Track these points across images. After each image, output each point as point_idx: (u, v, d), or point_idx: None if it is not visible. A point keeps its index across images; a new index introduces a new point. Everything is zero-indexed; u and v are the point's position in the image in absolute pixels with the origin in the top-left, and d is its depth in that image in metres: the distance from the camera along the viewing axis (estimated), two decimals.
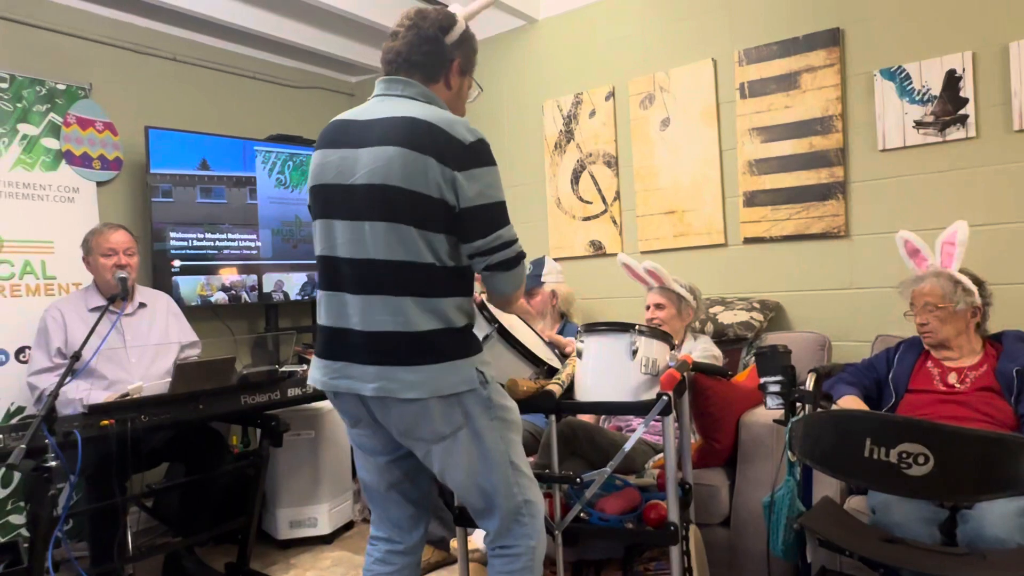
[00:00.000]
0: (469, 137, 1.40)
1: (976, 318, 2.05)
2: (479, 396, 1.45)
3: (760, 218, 2.89)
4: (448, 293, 1.43)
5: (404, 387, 1.38)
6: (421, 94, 1.49)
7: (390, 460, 1.58)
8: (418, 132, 1.38)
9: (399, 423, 1.44)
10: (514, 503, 1.50)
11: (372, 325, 1.41)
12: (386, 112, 1.44)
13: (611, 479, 1.99)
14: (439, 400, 1.40)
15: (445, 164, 1.37)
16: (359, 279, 1.42)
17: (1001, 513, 1.57)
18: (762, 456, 2.08)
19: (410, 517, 1.64)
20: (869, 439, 1.31)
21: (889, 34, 2.58)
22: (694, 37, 3.05)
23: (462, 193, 1.39)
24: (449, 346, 1.42)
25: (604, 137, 3.33)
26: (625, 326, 1.81)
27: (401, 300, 1.39)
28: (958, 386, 2.00)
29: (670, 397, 1.70)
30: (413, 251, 1.39)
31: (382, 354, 1.40)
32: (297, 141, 3.67)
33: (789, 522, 1.63)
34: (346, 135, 1.47)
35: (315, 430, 2.98)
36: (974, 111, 2.42)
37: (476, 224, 1.42)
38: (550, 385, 1.86)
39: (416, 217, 1.38)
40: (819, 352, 2.53)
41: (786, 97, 2.80)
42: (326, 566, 2.76)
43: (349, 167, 1.43)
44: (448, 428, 1.43)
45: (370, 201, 1.40)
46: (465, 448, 1.45)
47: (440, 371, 1.40)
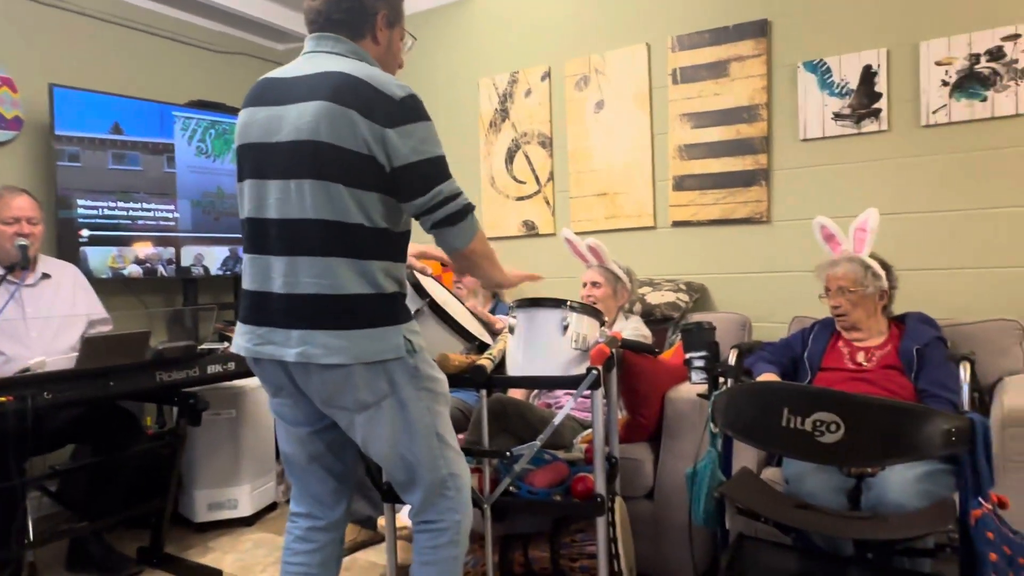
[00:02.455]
0: (399, 92, 1.35)
1: (883, 301, 2.18)
2: (406, 365, 1.41)
3: (688, 202, 2.97)
4: (378, 256, 1.39)
5: (327, 352, 1.34)
6: (351, 51, 1.44)
7: (312, 431, 1.53)
8: (345, 87, 1.34)
9: (321, 390, 1.40)
10: (438, 476, 1.48)
11: (296, 288, 1.36)
12: (313, 68, 1.39)
13: (540, 453, 2.01)
14: (363, 367, 1.36)
15: (374, 120, 1.32)
16: (285, 240, 1.37)
17: (901, 480, 1.68)
18: (685, 430, 2.15)
19: (332, 492, 1.60)
20: (787, 409, 1.37)
21: (812, 28, 2.69)
22: (629, 21, 3.08)
23: (395, 151, 1.34)
24: (377, 312, 1.38)
25: (539, 117, 3.33)
26: (557, 302, 1.83)
27: (328, 261, 1.34)
28: (865, 364, 2.12)
29: (600, 371, 1.74)
30: (341, 210, 1.34)
31: (306, 318, 1.35)
32: (220, 108, 3.50)
33: (710, 491, 1.69)
34: (272, 92, 1.41)
35: (237, 409, 2.88)
36: (887, 105, 2.56)
37: (414, 182, 1.37)
38: (481, 360, 1.86)
39: (345, 175, 1.33)
40: (740, 332, 2.63)
41: (716, 85, 2.88)
42: (247, 548, 2.68)
43: (275, 125, 1.38)
44: (372, 397, 1.39)
45: (296, 159, 1.35)
46: (389, 418, 1.42)
47: (366, 337, 1.36)
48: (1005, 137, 2.39)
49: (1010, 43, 2.36)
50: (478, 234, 1.48)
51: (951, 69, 2.45)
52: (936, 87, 2.47)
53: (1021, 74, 2.35)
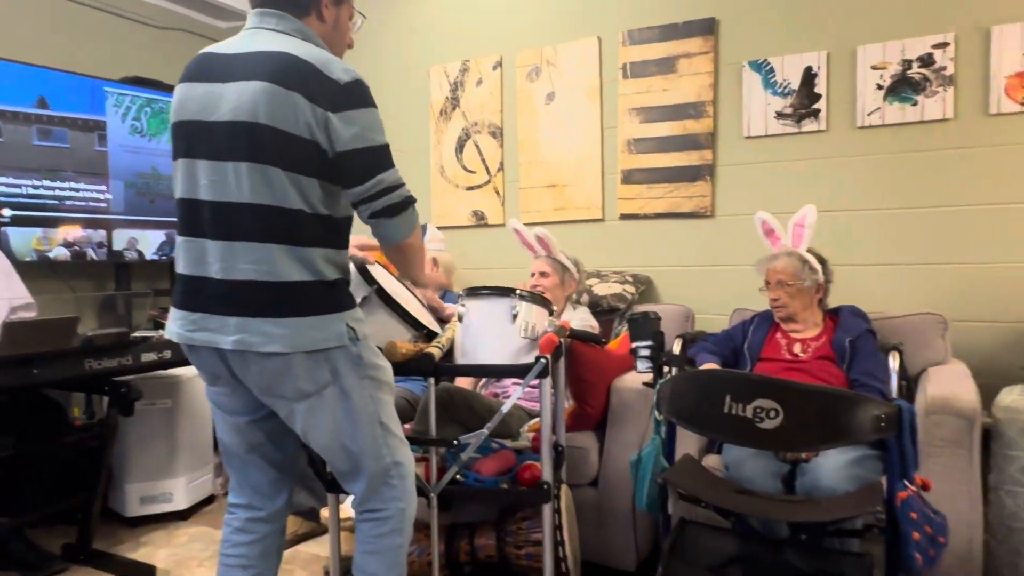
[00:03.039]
0: (344, 77, 1.31)
1: (819, 294, 2.26)
2: (348, 353, 1.39)
3: (636, 195, 3.01)
4: (318, 243, 1.36)
5: (266, 340, 1.30)
6: (296, 30, 1.39)
7: (251, 420, 1.49)
8: (288, 68, 1.29)
9: (260, 379, 1.37)
10: (382, 465, 1.46)
11: (233, 273, 1.32)
12: (256, 46, 1.34)
13: (487, 442, 2.01)
14: (304, 356, 1.33)
15: (316, 104, 1.28)
16: (221, 224, 1.33)
17: (833, 466, 1.76)
18: (630, 419, 2.19)
19: (272, 482, 1.56)
20: (729, 396, 1.41)
21: (758, 28, 2.76)
22: (581, 14, 3.10)
23: (337, 136, 1.30)
24: (318, 299, 1.35)
25: (490, 107, 3.31)
26: (506, 290, 1.83)
27: (266, 247, 1.31)
28: (801, 355, 2.20)
29: (548, 360, 1.74)
30: (280, 195, 1.30)
31: (243, 305, 1.32)
32: (157, 86, 3.34)
33: (654, 478, 1.72)
34: (211, 69, 1.36)
35: (172, 399, 2.77)
36: (826, 106, 2.65)
37: (354, 169, 1.34)
38: (429, 348, 1.85)
39: (284, 159, 1.29)
40: (684, 323, 2.69)
41: (664, 80, 2.92)
42: (182, 543, 2.59)
43: (213, 103, 1.32)
44: (313, 386, 1.36)
45: (234, 140, 1.30)
46: (331, 407, 1.39)
47: (307, 325, 1.33)
48: (933, 140, 2.51)
49: (939, 51, 2.48)
50: (416, 229, 1.46)
51: (885, 73, 2.55)
52: (871, 90, 2.58)
53: (949, 81, 2.47)
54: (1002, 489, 1.84)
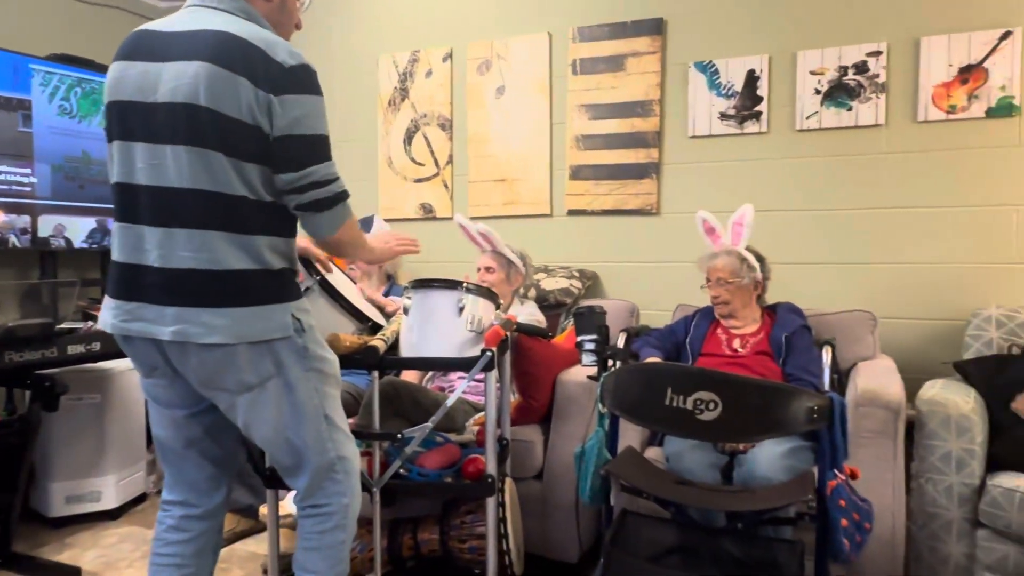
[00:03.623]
0: (290, 60, 1.27)
1: (758, 291, 2.33)
2: (294, 344, 1.35)
3: (583, 192, 3.04)
4: (263, 231, 1.32)
5: (207, 331, 1.26)
6: (240, 9, 1.34)
7: (189, 414, 1.44)
8: (231, 49, 1.24)
9: (200, 371, 1.32)
10: (327, 459, 1.43)
11: (173, 262, 1.27)
12: (198, 24, 1.29)
13: (432, 436, 2.00)
14: (248, 347, 1.29)
15: (259, 87, 1.24)
16: (159, 210, 1.28)
17: (768, 456, 1.82)
18: (575, 413, 2.21)
19: (210, 478, 1.51)
20: (670, 388, 1.44)
21: (704, 30, 2.82)
22: (532, 9, 3.10)
23: (275, 120, 1.26)
24: (262, 289, 1.31)
25: (440, 99, 3.28)
26: (453, 283, 1.82)
27: (207, 234, 1.26)
28: (740, 350, 2.27)
29: (494, 353, 1.74)
30: (222, 181, 1.26)
31: (183, 294, 1.27)
32: (87, 65, 3.18)
33: (597, 470, 1.75)
34: (149, 47, 1.30)
35: (102, 393, 2.65)
36: (767, 109, 2.73)
37: (286, 156, 1.30)
38: (373, 341, 1.82)
39: (226, 143, 1.25)
40: (629, 318, 2.73)
41: (613, 78, 2.96)
42: (111, 543, 2.48)
43: (151, 83, 1.27)
44: (256, 378, 1.33)
45: (173, 122, 1.25)
46: (274, 400, 1.35)
47: (250, 315, 1.29)
48: (866, 144, 2.62)
49: (873, 59, 2.58)
50: (347, 223, 1.41)
51: (823, 79, 2.65)
52: (810, 94, 2.67)
53: (881, 88, 2.58)
54: (923, 477, 1.94)
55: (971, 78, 2.47)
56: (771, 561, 1.57)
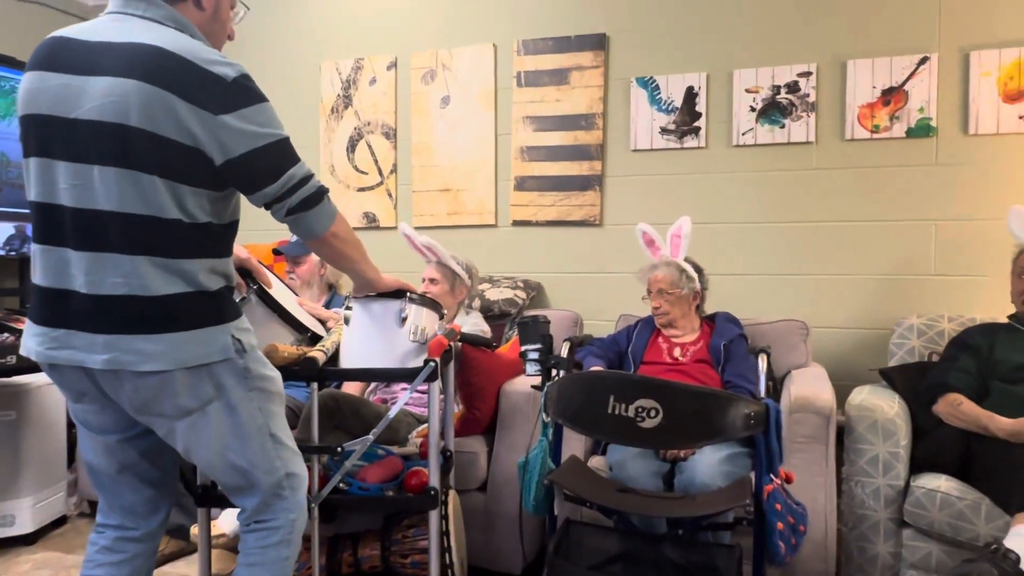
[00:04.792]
0: (231, 73, 1.22)
1: (696, 301, 2.39)
2: (234, 366, 1.30)
3: (528, 203, 3.05)
4: (198, 253, 1.26)
5: (142, 359, 1.20)
6: (169, 18, 1.26)
7: (123, 439, 1.37)
8: (166, 66, 1.18)
9: (134, 398, 1.26)
10: (276, 477, 1.38)
11: (101, 288, 1.20)
12: (124, 36, 1.21)
13: (373, 449, 1.96)
14: (185, 372, 1.24)
15: (202, 107, 1.18)
16: (85, 233, 1.21)
17: (707, 463, 1.85)
18: (519, 422, 2.20)
19: (148, 500, 1.43)
20: (612, 396, 1.45)
21: (645, 47, 2.89)
22: (477, 20, 3.11)
23: (233, 139, 1.21)
24: (198, 311, 1.26)
25: (384, 107, 3.25)
26: (395, 292, 1.78)
27: (135, 260, 1.20)
28: (681, 359, 2.31)
29: (437, 363, 1.72)
30: (154, 204, 1.20)
31: (114, 322, 1.21)
32: (8, 63, 3.02)
33: (540, 480, 1.74)
34: (69, 57, 1.22)
35: (16, 410, 2.49)
36: (705, 125, 2.82)
37: (261, 169, 1.26)
38: (312, 352, 1.77)
39: (161, 165, 1.19)
40: (573, 328, 2.75)
41: (557, 91, 2.99)
42: (25, 571, 2.33)
43: (72, 97, 1.19)
44: (196, 402, 1.27)
45: (99, 141, 1.18)
46: (216, 423, 1.30)
47: (187, 339, 1.24)
48: (798, 160, 2.73)
49: (804, 79, 2.70)
50: (338, 217, 1.39)
51: (758, 97, 2.75)
52: (746, 112, 2.76)
53: (811, 107, 2.69)
54: (853, 480, 2.01)
55: (893, 100, 2.61)
56: (710, 565, 1.60)
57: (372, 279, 1.58)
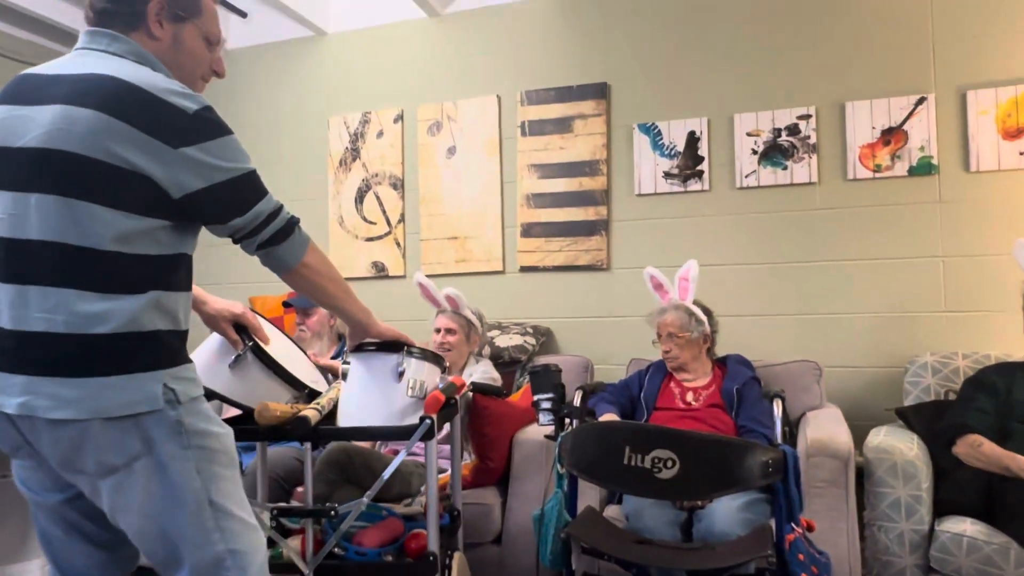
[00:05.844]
0: (192, 105, 1.16)
1: (707, 344, 2.38)
2: (165, 418, 1.16)
3: (535, 248, 3.08)
4: (140, 288, 1.16)
5: (55, 405, 1.09)
6: (131, 52, 1.21)
7: (65, 500, 1.23)
8: (120, 95, 1.13)
9: (53, 451, 1.14)
10: (211, 553, 1.18)
11: (24, 323, 1.11)
12: (82, 68, 1.17)
13: (375, 509, 1.90)
14: (104, 423, 1.11)
15: (161, 139, 1.13)
16: (13, 264, 1.13)
17: (726, 511, 1.82)
18: (533, 472, 2.18)
19: (102, 565, 1.30)
20: (628, 447, 1.44)
21: (646, 94, 2.95)
22: (481, 73, 3.19)
23: (195, 172, 1.16)
24: (126, 354, 1.14)
25: (391, 159, 3.31)
26: (393, 346, 1.71)
27: (63, 293, 1.11)
28: (694, 403, 2.30)
29: (433, 420, 1.62)
30: (92, 235, 1.12)
31: (32, 361, 1.11)
32: None
33: (557, 532, 1.71)
34: (24, 90, 1.18)
35: None
36: (708, 168, 2.85)
37: (227, 203, 1.21)
38: (305, 410, 1.66)
39: (106, 195, 1.12)
40: (583, 374, 2.74)
41: (561, 139, 3.05)
42: None
43: (20, 126, 1.15)
44: (120, 458, 1.14)
45: (42, 169, 1.12)
46: (143, 483, 1.15)
47: (108, 385, 1.12)
48: (802, 201, 2.75)
49: (803, 121, 2.74)
50: (310, 247, 1.33)
51: (759, 140, 2.79)
52: (748, 154, 2.80)
53: (813, 148, 2.73)
54: (875, 525, 1.97)
55: (893, 139, 2.65)
56: None
57: (362, 321, 1.52)
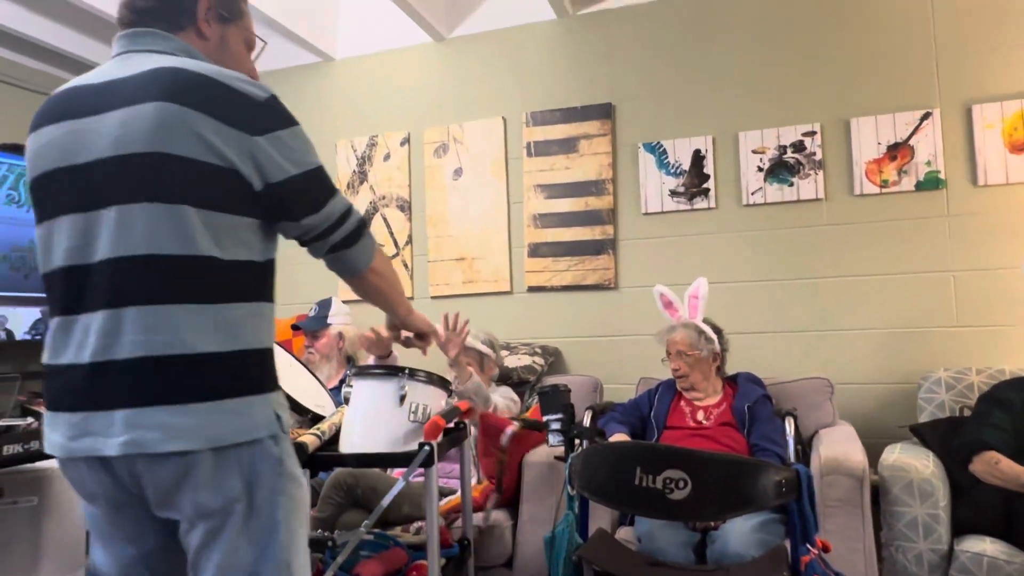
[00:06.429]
0: (260, 93, 1.07)
1: (717, 362, 2.37)
2: (269, 454, 1.04)
3: (542, 268, 3.08)
4: (241, 296, 1.05)
5: (167, 436, 0.96)
6: (181, 49, 1.11)
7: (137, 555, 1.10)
8: (187, 84, 1.02)
9: (154, 491, 1.01)
10: None
11: (115, 351, 0.98)
12: (137, 68, 1.06)
13: (382, 538, 1.85)
14: (214, 455, 0.99)
15: (233, 126, 1.03)
16: (103, 289, 1.00)
17: (740, 532, 1.80)
18: (544, 494, 2.16)
19: None
20: (639, 468, 1.42)
21: (650, 113, 2.97)
22: (487, 95, 3.22)
23: (269, 163, 1.05)
24: (236, 374, 1.02)
25: (398, 181, 3.34)
26: (394, 370, 1.68)
27: (167, 311, 0.99)
28: (705, 422, 2.28)
29: (433, 447, 1.57)
30: (185, 240, 1.00)
31: (134, 392, 0.97)
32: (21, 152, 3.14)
33: (568, 555, 1.69)
34: (74, 104, 1.07)
35: (39, 496, 2.48)
36: (714, 185, 2.86)
37: (301, 199, 1.09)
38: (304, 436, 1.65)
39: (192, 193, 1.01)
40: (593, 394, 2.72)
41: (566, 159, 3.06)
42: None
43: (84, 141, 1.03)
44: (217, 500, 1.00)
45: (117, 179, 1.01)
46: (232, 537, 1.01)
47: (223, 410, 1.00)
48: (809, 217, 2.75)
49: (809, 138, 2.75)
50: (378, 251, 1.23)
51: (765, 157, 2.79)
52: (753, 172, 2.80)
53: (819, 165, 2.73)
54: (893, 545, 1.94)
55: (899, 154, 2.64)
56: None
57: (404, 315, 1.41)
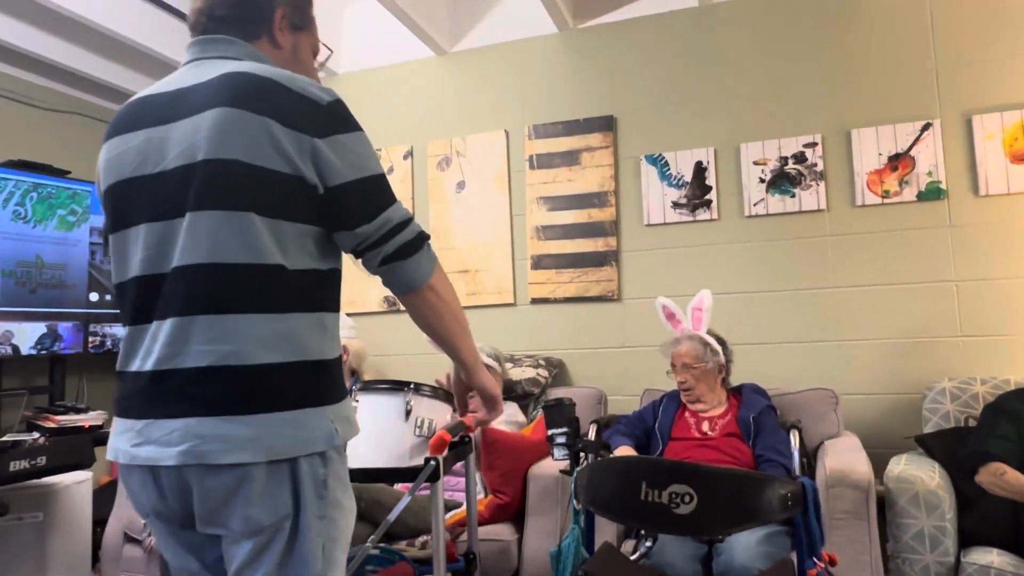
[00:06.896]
0: (324, 96, 1.06)
1: (722, 373, 2.37)
2: (315, 473, 1.00)
3: (546, 280, 3.09)
4: (305, 306, 1.03)
5: (228, 448, 0.94)
6: (250, 55, 1.12)
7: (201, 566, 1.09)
8: (253, 89, 1.02)
9: (202, 504, 0.98)
10: None
11: (180, 359, 0.98)
12: (208, 75, 1.06)
13: (389, 553, 1.86)
14: (268, 468, 0.96)
15: (297, 129, 1.01)
16: (171, 297, 1.00)
17: (745, 545, 1.79)
18: (549, 507, 2.16)
19: None
20: (645, 482, 1.42)
21: (652, 126, 2.99)
22: (489, 108, 3.25)
23: (329, 167, 1.03)
24: (298, 385, 1.00)
25: (401, 194, 3.35)
26: (399, 384, 1.69)
27: (234, 320, 0.98)
28: (710, 433, 2.27)
29: (439, 462, 1.57)
30: (253, 248, 0.99)
31: (197, 401, 0.97)
32: (44, 170, 3.17)
33: (574, 570, 1.69)
34: (149, 112, 1.07)
35: (44, 512, 2.48)
36: (716, 197, 2.87)
37: (356, 205, 1.06)
38: None
39: (258, 200, 1.00)
40: (597, 406, 2.72)
41: (569, 171, 3.08)
42: None
43: (157, 149, 1.04)
44: (269, 516, 0.97)
45: (187, 188, 1.00)
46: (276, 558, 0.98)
47: (282, 422, 0.98)
48: (811, 228, 2.76)
49: (810, 149, 2.76)
50: (437, 268, 1.14)
51: (766, 168, 2.81)
52: (755, 183, 2.82)
53: (820, 176, 2.74)
54: (900, 558, 1.93)
55: (900, 165, 2.65)
56: None
57: (469, 364, 1.23)
